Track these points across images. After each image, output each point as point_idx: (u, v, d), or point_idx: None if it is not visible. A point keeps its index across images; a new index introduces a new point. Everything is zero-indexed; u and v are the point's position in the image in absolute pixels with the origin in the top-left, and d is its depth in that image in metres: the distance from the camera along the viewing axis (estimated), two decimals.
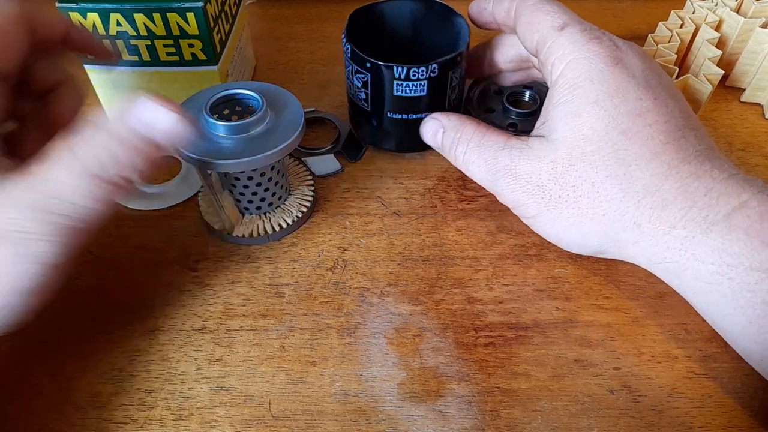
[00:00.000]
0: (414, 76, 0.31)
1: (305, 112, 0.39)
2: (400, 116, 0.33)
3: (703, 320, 0.26)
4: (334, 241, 0.32)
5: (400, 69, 0.31)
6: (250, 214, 0.32)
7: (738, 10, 0.39)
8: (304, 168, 0.35)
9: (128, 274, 0.31)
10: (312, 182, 0.34)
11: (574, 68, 0.27)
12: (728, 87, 0.41)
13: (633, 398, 0.26)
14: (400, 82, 0.31)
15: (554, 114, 0.27)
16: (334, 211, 0.34)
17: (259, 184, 0.30)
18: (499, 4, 0.31)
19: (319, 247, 0.32)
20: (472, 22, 0.33)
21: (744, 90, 0.40)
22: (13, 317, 0.22)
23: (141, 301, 0.29)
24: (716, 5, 0.40)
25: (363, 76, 0.32)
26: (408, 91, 0.32)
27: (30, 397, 0.26)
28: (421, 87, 0.31)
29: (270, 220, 0.32)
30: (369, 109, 0.34)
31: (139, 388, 0.26)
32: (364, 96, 0.33)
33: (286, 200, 0.33)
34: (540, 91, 0.37)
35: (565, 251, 0.30)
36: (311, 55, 0.46)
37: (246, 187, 0.30)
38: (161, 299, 0.29)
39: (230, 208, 0.32)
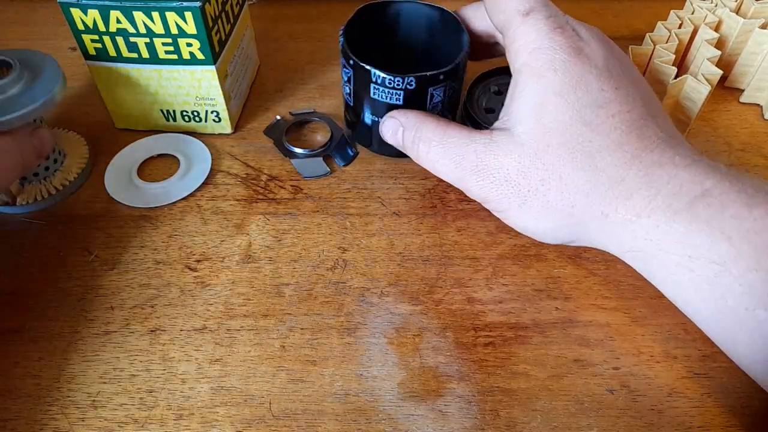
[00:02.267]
0: (390, 84, 0.30)
1: (303, 113, 0.40)
2: (377, 119, 0.33)
3: None
4: (334, 241, 0.32)
5: (376, 74, 0.30)
6: (29, 182, 0.33)
7: (738, 11, 0.39)
8: (75, 133, 0.37)
9: (128, 274, 0.31)
10: (85, 141, 0.36)
11: (537, 57, 0.26)
12: (727, 87, 0.41)
13: (632, 398, 0.26)
14: (376, 87, 0.31)
15: (517, 105, 0.27)
16: (334, 211, 0.34)
17: None
18: None
19: (319, 247, 0.32)
20: None
21: (743, 91, 0.40)
22: None
23: (141, 301, 0.29)
24: (716, 6, 0.40)
25: (348, 71, 0.32)
26: (384, 97, 0.31)
27: (31, 397, 0.26)
28: (397, 96, 0.31)
29: (51, 183, 0.34)
30: (351, 105, 0.34)
31: (140, 387, 0.26)
32: (348, 91, 0.33)
33: (63, 163, 0.35)
34: None
35: (565, 251, 0.30)
36: (311, 55, 0.46)
37: None
38: (162, 299, 0.29)
39: None
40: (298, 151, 0.37)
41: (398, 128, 0.31)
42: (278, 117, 0.39)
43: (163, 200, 0.34)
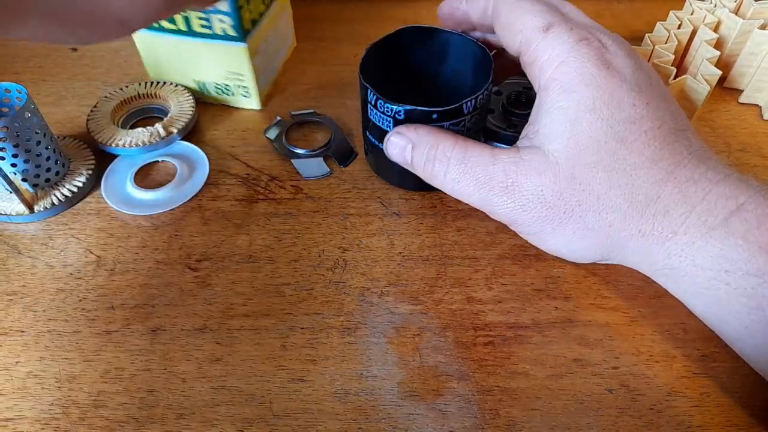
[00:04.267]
0: (381, 108, 0.29)
1: (303, 114, 0.40)
2: (373, 140, 0.32)
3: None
4: (334, 241, 0.32)
5: (371, 94, 0.29)
6: (41, 189, 0.34)
7: (737, 12, 0.39)
8: (71, 138, 0.38)
9: (129, 274, 0.31)
10: (85, 144, 0.37)
11: (566, 71, 0.25)
12: (726, 88, 0.41)
13: (632, 397, 0.26)
14: (372, 107, 0.30)
15: (548, 121, 0.26)
16: (334, 211, 0.34)
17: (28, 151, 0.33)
18: (473, 3, 0.29)
19: (320, 247, 0.32)
20: (443, 23, 0.31)
21: (742, 91, 0.40)
22: None
23: (142, 301, 0.29)
24: (715, 6, 0.40)
25: (359, 88, 0.31)
26: (377, 120, 0.30)
27: (32, 396, 0.26)
28: (388, 123, 0.30)
29: (64, 186, 0.34)
30: (362, 121, 0.33)
31: (140, 387, 0.26)
32: (359, 107, 0.33)
33: (69, 167, 0.36)
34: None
35: None
36: (311, 55, 0.46)
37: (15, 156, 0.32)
38: (162, 299, 0.30)
39: (22, 187, 0.34)
40: (298, 151, 0.37)
41: (406, 145, 0.28)
42: (278, 117, 0.40)
43: (159, 209, 0.34)
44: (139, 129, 0.37)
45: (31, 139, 0.32)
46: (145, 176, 0.36)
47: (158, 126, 0.37)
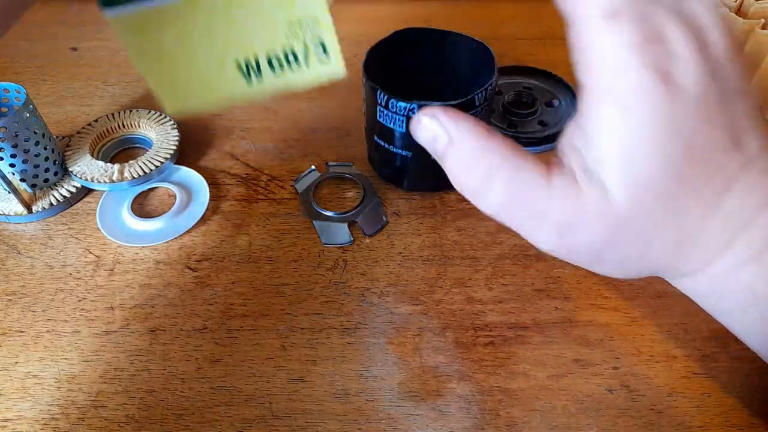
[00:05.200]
0: (392, 108, 0.29)
1: (340, 166, 0.36)
2: (382, 143, 0.31)
3: (702, 320, 0.26)
4: None
5: (381, 95, 0.29)
6: (40, 189, 0.34)
7: (737, 11, 0.39)
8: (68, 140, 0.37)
9: (129, 274, 0.31)
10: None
11: (622, 81, 0.21)
12: None
13: (632, 398, 0.26)
14: (381, 108, 0.29)
15: (600, 141, 0.22)
16: None
17: (27, 151, 0.33)
18: None
19: (320, 247, 0.32)
20: None
21: None
22: None
23: (141, 301, 0.29)
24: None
25: (363, 88, 0.31)
26: (387, 121, 0.30)
27: (32, 397, 0.26)
28: (400, 122, 0.29)
29: (63, 186, 0.35)
30: (366, 124, 0.33)
31: (140, 387, 0.26)
32: (364, 109, 0.32)
33: (66, 170, 0.35)
34: (538, 92, 0.37)
35: None
36: None
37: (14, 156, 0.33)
38: (162, 299, 0.29)
39: (20, 188, 0.34)
40: (324, 212, 0.33)
41: (441, 136, 0.23)
42: (313, 167, 0.36)
43: (155, 240, 0.32)
44: (101, 163, 0.35)
45: (29, 139, 0.32)
46: (146, 202, 0.35)
47: (115, 166, 0.35)
